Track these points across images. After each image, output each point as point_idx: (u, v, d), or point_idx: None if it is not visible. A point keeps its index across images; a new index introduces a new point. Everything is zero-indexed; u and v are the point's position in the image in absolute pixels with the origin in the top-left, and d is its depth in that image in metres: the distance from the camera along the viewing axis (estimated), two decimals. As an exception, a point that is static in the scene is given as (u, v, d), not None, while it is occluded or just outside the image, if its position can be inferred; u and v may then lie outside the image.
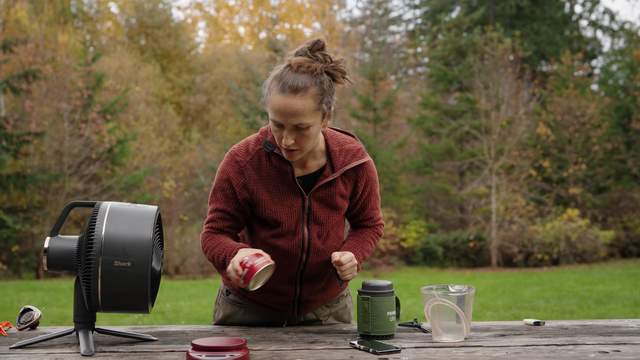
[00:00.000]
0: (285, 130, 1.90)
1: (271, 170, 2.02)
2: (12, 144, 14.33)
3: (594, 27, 25.68)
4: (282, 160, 2.01)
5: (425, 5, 26.70)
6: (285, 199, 2.02)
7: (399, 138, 19.56)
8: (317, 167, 2.05)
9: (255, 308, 2.19)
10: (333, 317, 2.26)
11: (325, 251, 2.09)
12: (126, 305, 1.79)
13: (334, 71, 1.94)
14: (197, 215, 17.08)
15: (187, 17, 29.40)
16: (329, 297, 2.22)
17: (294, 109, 1.86)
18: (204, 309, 8.26)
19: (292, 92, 1.86)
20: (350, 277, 2.02)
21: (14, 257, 14.39)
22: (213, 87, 24.26)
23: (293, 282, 2.11)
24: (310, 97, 1.87)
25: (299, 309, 2.17)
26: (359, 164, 2.07)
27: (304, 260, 2.07)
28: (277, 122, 1.89)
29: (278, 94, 1.88)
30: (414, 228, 16.46)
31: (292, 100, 1.86)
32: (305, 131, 1.90)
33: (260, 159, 2.03)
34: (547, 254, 15.14)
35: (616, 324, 2.08)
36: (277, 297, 2.14)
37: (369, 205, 2.16)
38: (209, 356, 1.63)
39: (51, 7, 21.99)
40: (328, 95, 1.92)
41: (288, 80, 1.88)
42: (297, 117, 1.87)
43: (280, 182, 2.02)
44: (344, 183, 2.07)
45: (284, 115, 1.87)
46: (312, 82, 1.88)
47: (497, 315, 7.35)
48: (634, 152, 18.00)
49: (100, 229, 1.76)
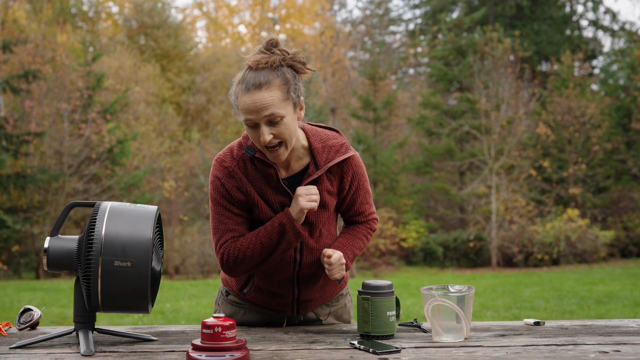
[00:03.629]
0: (260, 128, 1.90)
1: (256, 173, 2.03)
2: (12, 144, 14.32)
3: (594, 27, 25.69)
4: (264, 164, 2.01)
5: (425, 5, 26.71)
6: (274, 201, 2.03)
7: (399, 138, 19.55)
8: (300, 167, 2.06)
9: (255, 308, 2.19)
10: (333, 316, 2.26)
11: (319, 250, 2.09)
12: (126, 305, 1.79)
13: (294, 62, 1.95)
14: (197, 215, 17.08)
15: (187, 17, 29.39)
16: (327, 296, 2.22)
17: (262, 102, 1.87)
18: (204, 309, 8.26)
19: (257, 88, 1.88)
20: (339, 276, 2.02)
21: (14, 257, 14.39)
22: (213, 87, 24.25)
23: (290, 283, 2.11)
24: (276, 87, 1.89)
25: (298, 309, 2.17)
26: (343, 160, 2.06)
27: (298, 260, 2.07)
28: (251, 120, 1.90)
29: (244, 95, 1.90)
30: (414, 228, 16.46)
31: (259, 95, 1.88)
32: (280, 123, 1.90)
33: (245, 163, 2.04)
34: (547, 254, 15.14)
35: (616, 324, 2.08)
36: (276, 299, 2.14)
37: (359, 200, 2.15)
38: (209, 356, 1.63)
39: (50, 7, 21.99)
40: (293, 84, 1.93)
41: (250, 79, 1.90)
42: (267, 109, 1.88)
43: (266, 185, 2.02)
44: (330, 180, 2.06)
45: (255, 112, 1.88)
46: (273, 75, 1.90)
47: (497, 315, 7.35)
48: (634, 152, 18.00)
49: (100, 229, 1.76)
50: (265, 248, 1.99)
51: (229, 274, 2.06)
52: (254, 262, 2.01)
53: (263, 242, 1.98)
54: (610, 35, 25.58)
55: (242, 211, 2.04)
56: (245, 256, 1.99)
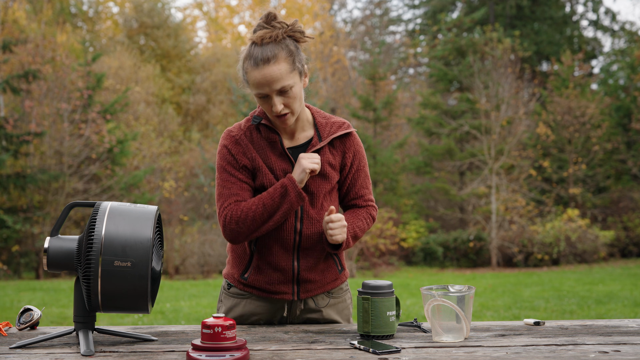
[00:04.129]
0: (271, 98, 2.03)
1: (261, 141, 2.14)
2: (12, 144, 14.32)
3: (594, 27, 25.69)
4: (270, 130, 2.13)
5: (425, 5, 26.71)
6: (278, 167, 2.12)
7: (399, 138, 19.56)
8: (305, 139, 2.18)
9: (256, 297, 2.21)
10: (334, 310, 2.26)
11: (319, 221, 2.15)
12: (126, 305, 1.79)
13: (293, 32, 2.07)
14: (197, 215, 17.08)
15: (187, 17, 29.39)
16: (327, 281, 2.23)
17: (272, 76, 2.00)
18: (204, 309, 8.26)
19: (265, 63, 2.01)
20: (339, 238, 2.07)
21: (14, 257, 14.39)
22: (213, 87, 24.25)
23: (290, 255, 2.15)
24: (283, 60, 2.02)
25: (298, 291, 2.18)
26: (346, 134, 2.19)
27: (299, 229, 2.14)
28: (262, 93, 2.03)
29: (254, 70, 2.02)
30: (414, 228, 16.46)
31: (268, 69, 2.00)
32: (289, 93, 2.03)
33: (252, 133, 2.16)
34: (547, 254, 15.14)
35: (616, 324, 2.08)
36: (276, 275, 2.17)
37: (359, 182, 2.24)
38: (209, 356, 1.63)
39: (50, 7, 22.00)
40: (297, 55, 2.06)
41: (257, 54, 2.02)
42: (278, 82, 2.01)
43: (271, 152, 2.14)
44: (332, 153, 2.18)
45: (266, 85, 2.01)
46: (279, 48, 2.03)
47: (497, 315, 7.35)
48: (634, 152, 18.00)
49: (100, 229, 1.76)
50: (267, 209, 2.07)
51: (231, 238, 2.11)
52: (256, 223, 2.07)
53: (265, 203, 2.07)
54: (610, 35, 25.58)
55: (246, 177, 2.13)
56: (247, 217, 2.07)
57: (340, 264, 2.26)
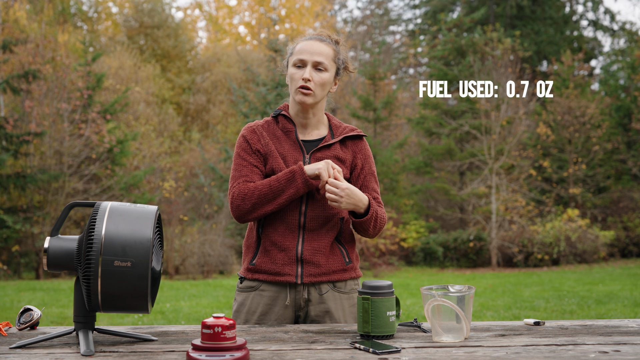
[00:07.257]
0: (306, 68, 2.23)
1: (277, 131, 2.32)
2: (12, 144, 14.32)
3: (594, 27, 25.69)
4: (287, 120, 2.32)
5: (425, 5, 26.70)
6: (289, 155, 2.27)
7: (399, 138, 19.55)
8: (318, 136, 2.34)
9: (264, 286, 2.26)
10: (339, 305, 2.27)
11: (324, 205, 2.26)
12: (126, 305, 1.79)
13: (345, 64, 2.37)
14: (197, 215, 17.07)
15: (187, 17, 29.38)
16: (331, 267, 2.26)
17: (318, 48, 2.26)
18: (204, 309, 8.26)
19: (317, 39, 2.29)
20: (345, 204, 2.16)
21: (14, 257, 14.39)
22: (213, 87, 24.24)
23: (295, 235, 2.23)
24: (330, 47, 2.29)
25: (302, 274, 2.22)
26: (358, 137, 2.37)
27: (303, 211, 2.23)
28: (301, 59, 2.25)
29: (305, 41, 2.29)
30: (414, 228, 16.46)
31: (317, 43, 2.27)
32: (322, 73, 2.25)
33: (269, 125, 2.34)
34: (547, 254, 15.14)
35: (616, 324, 2.08)
36: (281, 255, 2.23)
37: (371, 185, 2.37)
38: (209, 356, 1.63)
39: (51, 7, 21.99)
40: (340, 59, 2.32)
41: (312, 34, 2.33)
42: (319, 55, 2.25)
43: (285, 140, 2.30)
44: (343, 150, 2.33)
45: (309, 53, 2.25)
46: (329, 42, 2.31)
47: (497, 315, 7.35)
48: (634, 152, 18.00)
49: (100, 228, 1.76)
50: (273, 190, 2.19)
51: (237, 214, 2.22)
52: (261, 202, 2.19)
53: (272, 185, 2.19)
54: (610, 35, 25.58)
55: (257, 162, 2.27)
56: (253, 195, 2.20)
57: (348, 256, 2.30)
